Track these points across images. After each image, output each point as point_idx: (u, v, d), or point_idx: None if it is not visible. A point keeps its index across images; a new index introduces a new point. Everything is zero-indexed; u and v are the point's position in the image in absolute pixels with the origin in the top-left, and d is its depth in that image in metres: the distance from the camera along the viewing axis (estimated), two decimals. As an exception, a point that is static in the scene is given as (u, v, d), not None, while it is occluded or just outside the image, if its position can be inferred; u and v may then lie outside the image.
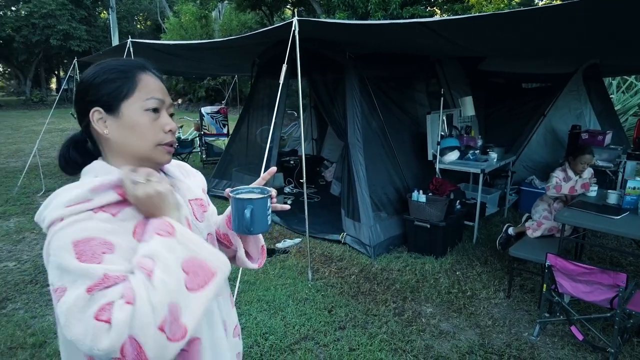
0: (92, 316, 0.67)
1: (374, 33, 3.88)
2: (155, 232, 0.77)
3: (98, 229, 0.75)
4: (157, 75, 0.92)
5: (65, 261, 0.72)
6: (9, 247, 4.13)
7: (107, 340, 0.66)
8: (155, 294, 0.70)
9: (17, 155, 9.11)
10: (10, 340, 2.63)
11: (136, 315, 0.67)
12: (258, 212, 0.90)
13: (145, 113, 0.86)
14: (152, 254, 0.74)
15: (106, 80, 0.86)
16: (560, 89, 5.51)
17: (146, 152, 0.88)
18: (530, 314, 2.96)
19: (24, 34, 21.90)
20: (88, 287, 0.69)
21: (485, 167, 4.19)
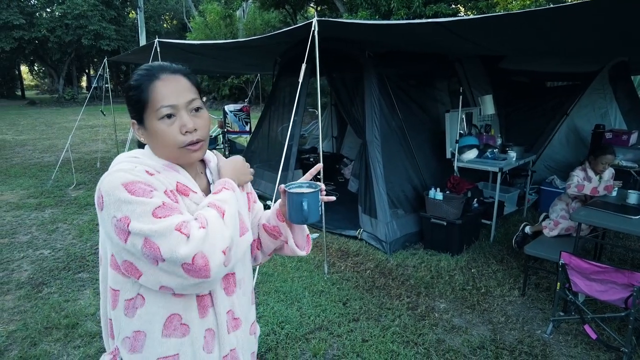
0: (173, 227, 0.84)
1: (392, 33, 3.93)
2: (224, 187, 0.98)
3: (140, 176, 0.89)
4: (178, 72, 0.98)
5: (122, 195, 0.86)
6: (44, 236, 4.39)
7: (186, 249, 0.84)
8: (227, 230, 0.90)
9: (51, 150, 9.54)
10: (46, 321, 2.83)
11: (209, 237, 0.86)
12: (312, 204, 1.02)
13: (160, 121, 0.94)
14: (224, 200, 0.95)
15: (130, 97, 0.97)
16: (585, 88, 5.41)
17: (172, 155, 0.98)
18: (545, 313, 2.97)
19: (58, 34, 22.79)
20: (153, 211, 0.85)
21: (504, 165, 4.19)
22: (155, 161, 0.98)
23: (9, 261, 3.79)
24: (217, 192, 0.97)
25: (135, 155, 0.99)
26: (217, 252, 0.86)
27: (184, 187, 0.97)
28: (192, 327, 0.98)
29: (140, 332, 0.97)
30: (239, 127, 7.96)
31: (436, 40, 4.02)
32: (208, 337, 1.01)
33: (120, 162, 0.96)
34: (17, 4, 22.16)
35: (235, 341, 1.06)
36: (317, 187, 1.06)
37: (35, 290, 3.27)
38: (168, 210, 0.87)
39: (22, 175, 7.03)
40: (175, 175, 0.97)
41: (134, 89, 0.95)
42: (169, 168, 0.98)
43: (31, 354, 2.51)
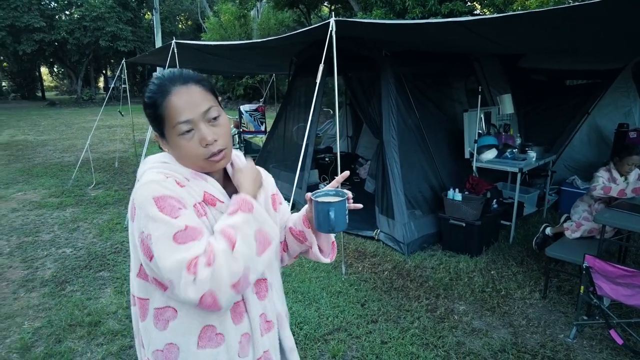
0: (184, 269, 0.83)
1: (410, 32, 3.90)
2: (239, 208, 0.92)
3: (172, 189, 0.90)
4: (191, 81, 0.95)
5: (151, 211, 0.87)
6: (66, 235, 4.48)
7: (193, 290, 0.84)
8: (235, 263, 0.86)
9: (70, 150, 9.73)
10: (70, 318, 2.89)
11: (214, 276, 0.84)
12: (339, 213, 1.00)
13: (180, 137, 0.94)
14: (235, 225, 0.89)
15: (148, 113, 0.98)
16: (607, 86, 5.29)
17: (197, 166, 0.98)
18: (567, 316, 2.92)
19: (77, 36, 23.24)
20: (174, 237, 0.85)
21: (524, 166, 4.12)
22: (184, 168, 0.98)
23: (34, 259, 3.88)
24: (232, 213, 0.92)
25: (165, 160, 0.99)
26: (224, 289, 0.86)
27: (211, 197, 0.97)
28: (227, 335, 0.98)
29: (173, 345, 0.97)
30: (254, 127, 8.01)
31: (454, 39, 3.98)
32: (244, 341, 1.01)
33: (151, 167, 0.97)
34: (37, 7, 22.66)
35: (268, 343, 1.06)
36: (344, 196, 1.03)
37: (59, 288, 3.34)
38: (189, 235, 0.87)
39: (43, 175, 7.19)
40: (203, 184, 0.97)
41: (150, 107, 0.96)
42: (197, 177, 0.98)
43: (56, 350, 2.57)
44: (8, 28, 21.90)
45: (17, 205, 5.52)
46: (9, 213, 5.19)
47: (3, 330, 2.80)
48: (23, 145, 10.41)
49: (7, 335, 2.74)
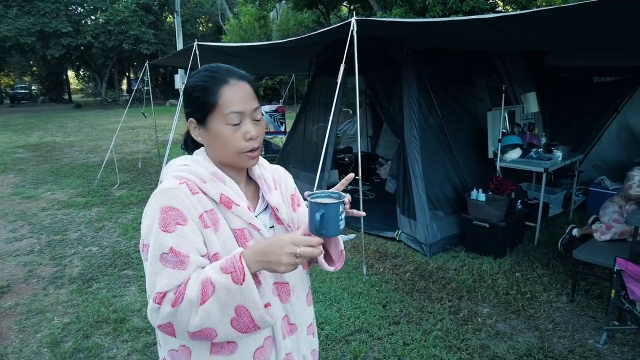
0: (152, 296, 0.88)
1: (431, 30, 3.85)
2: (231, 273, 0.85)
3: (180, 201, 0.91)
4: (243, 78, 0.99)
5: (153, 224, 0.90)
6: (92, 234, 4.60)
7: (154, 317, 0.88)
8: (196, 318, 0.85)
9: (96, 151, 9.99)
10: (96, 315, 2.96)
11: (175, 317, 0.87)
12: (330, 217, 0.93)
13: (227, 125, 0.96)
14: (216, 284, 0.85)
15: (196, 96, 0.97)
16: (638, 83, 5.11)
17: (230, 159, 0.99)
18: (597, 321, 2.83)
19: (102, 40, 23.88)
20: (160, 257, 0.88)
21: (549, 166, 4.02)
22: (205, 168, 0.99)
23: (62, 257, 4.00)
24: (223, 269, 0.86)
25: (186, 162, 1.00)
26: (181, 330, 0.88)
27: (227, 200, 0.97)
28: (240, 342, 0.97)
29: (186, 348, 0.98)
30: (274, 128, 8.06)
31: (476, 36, 3.91)
32: (267, 345, 1.01)
33: (172, 171, 0.99)
34: (65, 13, 23.37)
35: (290, 345, 1.06)
36: (339, 199, 0.95)
37: (86, 285, 3.43)
38: (171, 261, 0.88)
39: (70, 175, 7.40)
40: (220, 186, 0.97)
41: (201, 90, 0.96)
42: (216, 178, 0.98)
43: (84, 345, 2.63)
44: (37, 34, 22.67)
45: (46, 204, 5.70)
46: (39, 212, 5.36)
47: (34, 325, 2.89)
48: (51, 147, 10.74)
49: (38, 330, 2.83)
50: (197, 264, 0.90)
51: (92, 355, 2.55)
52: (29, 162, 8.76)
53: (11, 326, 2.88)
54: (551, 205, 4.56)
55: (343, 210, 0.96)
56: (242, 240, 0.97)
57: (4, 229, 4.78)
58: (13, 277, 3.61)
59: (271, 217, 1.08)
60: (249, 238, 0.99)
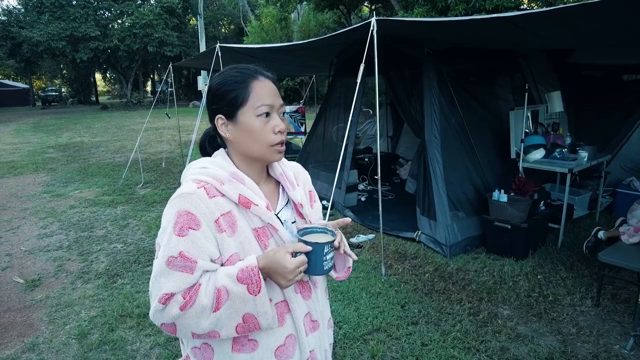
0: (158, 296, 0.91)
1: (453, 29, 3.81)
2: (247, 284, 0.90)
3: (196, 206, 0.93)
4: (269, 78, 1.03)
5: (168, 226, 0.94)
6: (117, 231, 4.74)
7: (157, 316, 0.92)
8: (206, 322, 0.90)
9: (121, 151, 10.27)
10: (121, 309, 3.05)
11: (181, 320, 0.91)
12: (314, 257, 0.94)
13: (258, 118, 0.99)
14: (231, 293, 0.90)
15: (225, 91, 1.00)
16: (670, 81, 4.93)
17: (260, 152, 1.02)
18: (624, 326, 2.75)
19: (127, 43, 24.54)
20: (167, 260, 0.91)
21: (574, 166, 3.92)
22: (223, 169, 1.00)
23: (89, 253, 4.14)
24: (239, 279, 0.90)
25: (205, 165, 1.02)
26: (185, 332, 0.92)
27: (245, 200, 0.97)
28: (262, 340, 0.99)
29: (208, 346, 1.00)
30: (294, 128, 8.11)
31: (499, 35, 3.85)
32: (288, 343, 1.02)
33: (191, 174, 1.01)
34: (93, 17, 24.13)
35: (313, 342, 1.07)
36: (331, 236, 0.97)
37: (111, 281, 3.55)
38: (179, 265, 0.91)
39: (97, 175, 7.64)
40: (239, 187, 0.98)
41: (232, 84, 0.99)
42: (234, 179, 0.99)
43: (110, 338, 2.72)
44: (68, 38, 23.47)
45: (74, 202, 5.90)
46: (68, 210, 5.56)
47: (64, 317, 3.01)
48: (79, 147, 11.10)
49: (66, 322, 2.94)
50: (205, 269, 0.93)
51: (117, 348, 2.64)
52: (59, 161, 9.08)
53: (42, 318, 3.01)
54: (576, 207, 4.44)
55: (330, 251, 0.96)
56: (264, 238, 0.99)
57: (35, 225, 4.98)
58: (44, 271, 3.76)
59: (293, 212, 1.10)
60: (270, 236, 1.00)
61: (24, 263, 3.95)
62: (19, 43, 23.97)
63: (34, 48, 23.64)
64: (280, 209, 1.08)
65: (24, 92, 31.91)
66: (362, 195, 5.58)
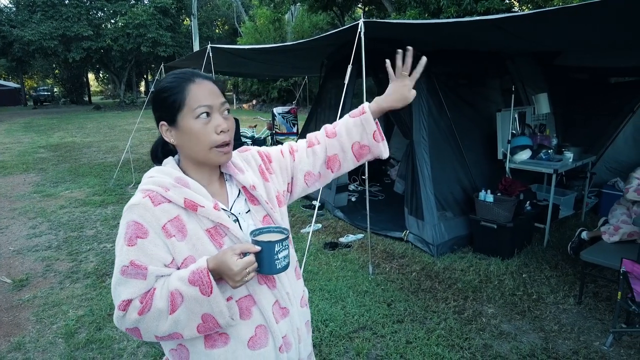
0: (117, 304, 0.96)
1: (441, 31, 3.86)
2: (199, 286, 0.92)
3: (142, 216, 0.96)
4: (207, 79, 1.03)
5: (120, 237, 0.98)
6: (107, 231, 4.74)
7: (120, 323, 0.98)
8: (165, 325, 0.94)
9: (113, 151, 10.23)
10: (109, 309, 3.06)
11: (141, 324, 0.95)
12: (265, 255, 0.95)
13: (197, 120, 0.99)
14: (185, 295, 0.93)
15: (164, 98, 1.01)
16: (656, 83, 5.02)
17: (203, 155, 1.02)
18: (604, 323, 2.80)
19: (120, 43, 24.43)
20: (121, 269, 0.95)
21: (559, 167, 3.98)
22: (168, 175, 1.02)
23: (78, 252, 4.13)
24: (191, 282, 0.92)
25: (152, 174, 1.04)
26: (148, 335, 0.97)
27: (191, 203, 0.99)
28: (232, 334, 1.02)
29: (183, 346, 1.04)
30: (286, 129, 8.15)
31: (488, 37, 3.91)
32: (259, 333, 1.05)
33: (141, 185, 1.03)
34: (86, 17, 24.01)
35: (285, 328, 1.09)
36: (275, 240, 0.95)
37: (100, 280, 3.55)
38: (131, 273, 0.95)
39: (88, 175, 7.61)
40: (183, 191, 0.99)
41: (169, 90, 1.00)
42: (179, 184, 1.00)
43: (97, 337, 2.73)
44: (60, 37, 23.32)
45: (64, 202, 5.88)
46: (58, 209, 5.54)
47: (51, 316, 3.01)
48: (71, 147, 11.05)
49: (54, 322, 2.95)
50: (157, 274, 0.96)
51: (104, 347, 2.65)
52: (50, 161, 9.04)
53: (29, 317, 3.01)
54: (561, 207, 4.51)
55: (282, 249, 0.96)
56: (218, 237, 1.01)
57: (24, 225, 4.97)
58: (32, 271, 3.76)
59: (246, 202, 1.10)
60: (224, 235, 1.02)
61: (11, 263, 3.94)
62: (10, 42, 23.79)
63: (26, 47, 23.46)
64: (232, 202, 1.09)
65: (15, 91, 31.65)
66: (352, 195, 5.61)
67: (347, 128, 1.20)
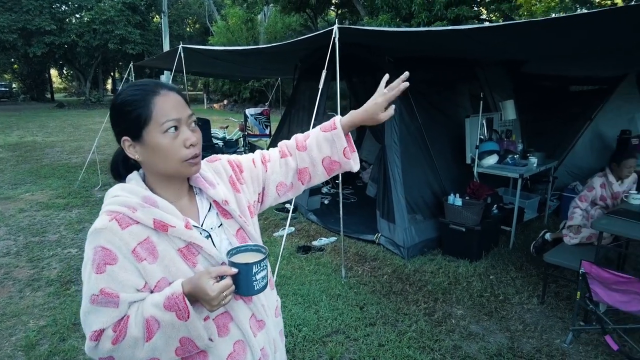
0: (88, 334, 0.92)
1: (413, 39, 3.94)
2: (175, 311, 0.89)
3: (110, 241, 0.91)
4: (173, 89, 0.99)
5: (87, 263, 0.93)
6: (72, 235, 4.56)
7: (93, 353, 0.93)
8: (142, 352, 0.91)
9: (78, 152, 9.86)
10: (74, 318, 2.95)
11: (115, 353, 0.92)
12: (242, 277, 0.93)
13: (165, 135, 0.94)
14: (161, 321, 0.90)
15: (127, 112, 0.95)
16: (611, 92, 5.30)
17: (172, 170, 0.97)
18: (564, 322, 2.93)
19: (86, 39, 23.54)
20: (91, 298, 0.91)
21: (524, 171, 4.14)
22: (135, 194, 0.96)
23: (40, 259, 3.96)
24: (166, 307, 0.89)
25: (116, 193, 0.98)
26: None
27: (161, 224, 0.94)
28: (211, 351, 1.00)
29: None
30: (259, 130, 8.08)
31: (457, 45, 4.02)
32: (238, 349, 1.03)
33: (106, 204, 0.97)
34: (49, 10, 22.99)
35: (262, 340, 1.09)
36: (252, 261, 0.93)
37: (64, 288, 3.41)
38: (102, 302, 0.91)
39: (51, 176, 7.30)
40: (152, 211, 0.94)
41: (132, 104, 0.94)
42: (147, 204, 0.95)
43: (60, 348, 2.63)
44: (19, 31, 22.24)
45: (24, 205, 5.62)
46: (17, 213, 5.28)
47: (9, 328, 2.87)
48: (31, 147, 10.56)
49: (13, 333, 2.81)
50: (129, 301, 0.93)
51: (68, 358, 2.55)
52: (8, 162, 8.61)
53: (-14, 328, 2.86)
54: (526, 210, 4.69)
55: (260, 270, 0.94)
56: (190, 257, 0.97)
57: (-20, 230, 4.71)
58: (-11, 279, 3.57)
59: (218, 216, 1.07)
60: (197, 253, 0.98)
61: (-33, 270, 3.73)
62: (-36, 35, 22.49)
63: (-19, 40, 22.25)
64: (204, 218, 1.05)
65: (-31, 87, 29.96)
66: (325, 198, 5.63)
67: (318, 142, 1.18)
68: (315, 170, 1.20)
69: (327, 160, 1.19)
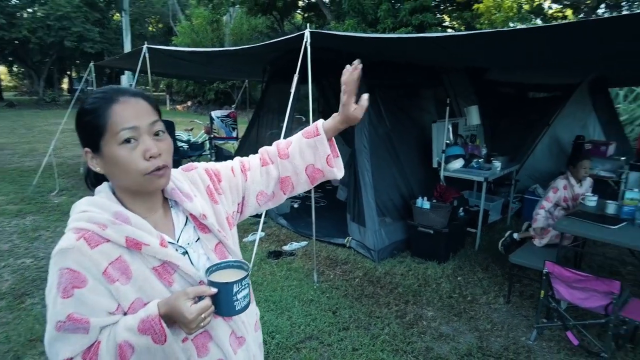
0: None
1: (381, 45, 4.00)
2: (151, 335, 0.84)
3: (78, 262, 0.84)
4: (135, 95, 0.91)
5: (52, 286, 0.85)
6: (25, 245, 4.29)
7: None
8: None
9: (32, 154, 9.32)
10: (30, 333, 2.77)
11: None
12: (223, 296, 0.87)
13: (121, 146, 0.86)
14: (135, 346, 0.85)
15: (85, 122, 0.88)
16: (566, 99, 5.59)
17: (135, 184, 0.89)
18: (529, 319, 3.05)
19: (39, 35, 22.33)
20: (56, 325, 0.84)
21: (489, 175, 4.29)
22: (105, 210, 0.89)
23: (-10, 270, 3.70)
24: (141, 330, 0.84)
25: (84, 208, 0.91)
26: None
27: (134, 242, 0.88)
28: None
29: None
30: (225, 133, 7.94)
31: (423, 52, 4.11)
32: None
33: (72, 220, 0.90)
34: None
35: (242, 356, 1.05)
36: (233, 280, 0.87)
37: (18, 301, 3.20)
38: (70, 328, 0.84)
39: (1, 181, 6.86)
40: (124, 229, 0.88)
41: (90, 113, 0.88)
42: (118, 219, 0.88)
43: (15, 366, 2.46)
44: (-37, 25, 20.83)
45: (-28, 212, 5.25)
46: (-36, 221, 4.93)
47: (-43, 345, 2.66)
48: (-21, 149, 9.90)
49: (-39, 351, 2.60)
50: (101, 325, 0.87)
51: (25, 376, 2.39)
52: (-47, 165, 8.02)
53: None
54: (491, 212, 4.85)
55: (242, 288, 0.88)
56: (166, 275, 0.92)
57: None
58: None
59: (195, 229, 1.00)
60: (172, 272, 0.92)
61: None
62: None
63: None
64: (179, 233, 0.99)
65: None
66: (295, 202, 5.60)
67: (301, 149, 1.12)
68: (298, 179, 1.14)
69: (310, 168, 1.13)
